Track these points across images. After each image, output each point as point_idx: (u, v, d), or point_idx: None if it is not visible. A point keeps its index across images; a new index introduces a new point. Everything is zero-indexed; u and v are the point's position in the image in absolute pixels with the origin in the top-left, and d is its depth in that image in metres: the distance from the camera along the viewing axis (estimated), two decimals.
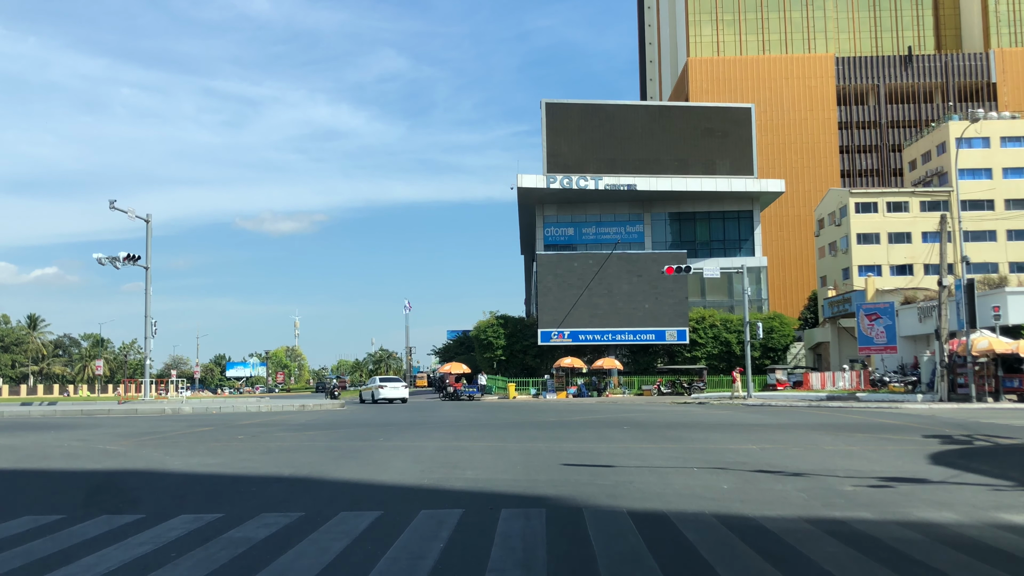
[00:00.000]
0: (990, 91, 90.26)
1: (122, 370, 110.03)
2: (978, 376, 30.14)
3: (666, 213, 58.88)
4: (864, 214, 63.90)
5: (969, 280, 30.82)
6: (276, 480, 10.41)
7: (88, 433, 19.35)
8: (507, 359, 55.61)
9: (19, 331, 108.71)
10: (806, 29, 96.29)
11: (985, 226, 62.19)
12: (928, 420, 21.11)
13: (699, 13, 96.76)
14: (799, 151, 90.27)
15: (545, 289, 53.71)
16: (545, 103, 58.42)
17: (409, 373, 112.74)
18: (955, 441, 15.03)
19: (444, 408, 33.73)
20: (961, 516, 7.37)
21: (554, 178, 55.82)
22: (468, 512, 7.74)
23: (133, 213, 38.34)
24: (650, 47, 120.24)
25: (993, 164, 65.71)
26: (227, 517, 7.64)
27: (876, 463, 11.50)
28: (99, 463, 12.65)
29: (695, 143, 58.41)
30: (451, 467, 11.39)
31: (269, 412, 30.49)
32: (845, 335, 53.80)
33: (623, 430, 18.25)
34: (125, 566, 5.84)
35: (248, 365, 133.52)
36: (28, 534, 7.02)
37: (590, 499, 8.46)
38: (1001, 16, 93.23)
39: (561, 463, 11.73)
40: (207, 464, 12.27)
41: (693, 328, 53.20)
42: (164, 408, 30.80)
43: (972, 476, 10.10)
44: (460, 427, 19.98)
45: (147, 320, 38.53)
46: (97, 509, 8.22)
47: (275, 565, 5.78)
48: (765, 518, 7.35)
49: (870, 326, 38.11)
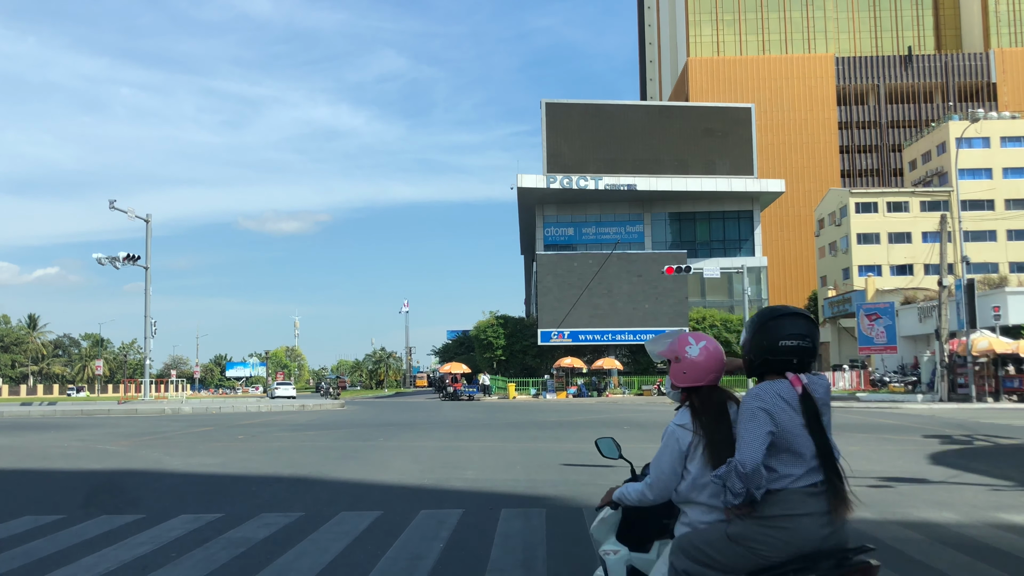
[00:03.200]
0: (990, 91, 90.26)
1: (122, 370, 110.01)
2: (978, 376, 30.14)
3: (666, 213, 58.88)
4: (864, 214, 63.90)
5: (969, 280, 30.83)
6: (276, 480, 10.40)
7: (88, 433, 19.34)
8: (507, 359, 55.61)
9: (19, 331, 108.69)
10: (806, 29, 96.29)
11: (985, 226, 62.20)
12: (928, 420, 21.11)
13: (699, 13, 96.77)
14: (799, 151, 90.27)
15: (545, 289, 53.70)
16: (545, 103, 58.42)
17: (409, 373, 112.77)
18: (955, 441, 15.03)
19: (444, 408, 33.73)
20: (961, 516, 7.36)
21: (554, 178, 55.81)
22: (468, 512, 7.74)
23: (133, 213, 38.35)
24: (650, 47, 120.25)
25: (993, 164, 65.72)
26: (227, 517, 7.64)
27: (876, 463, 11.50)
28: (99, 463, 12.64)
29: (695, 143, 58.40)
30: (451, 467, 11.39)
31: (269, 412, 30.50)
32: (845, 335, 53.80)
33: (623, 430, 18.24)
34: (125, 566, 5.83)
35: (248, 365, 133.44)
36: (28, 534, 7.01)
37: (590, 499, 8.45)
38: (1001, 16, 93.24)
39: (561, 463, 11.73)
40: (207, 464, 12.27)
41: (693, 328, 53.17)
42: (164, 408, 30.80)
43: (972, 476, 10.09)
44: (460, 427, 19.98)
45: (147, 320, 38.54)
46: (97, 509, 8.21)
47: (275, 565, 5.77)
48: None
49: (870, 326, 38.09)
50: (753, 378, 2.92)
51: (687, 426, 2.91)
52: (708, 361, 2.98)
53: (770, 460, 2.70)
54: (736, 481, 2.63)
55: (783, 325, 2.81)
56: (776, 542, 2.66)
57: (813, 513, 2.68)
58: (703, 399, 2.94)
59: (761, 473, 2.63)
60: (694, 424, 2.90)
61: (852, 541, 2.78)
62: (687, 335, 3.08)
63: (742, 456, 2.63)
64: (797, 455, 2.71)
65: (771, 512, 2.69)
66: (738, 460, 2.63)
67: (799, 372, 2.80)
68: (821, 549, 2.67)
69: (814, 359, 2.86)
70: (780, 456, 2.71)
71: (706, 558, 2.74)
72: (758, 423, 2.67)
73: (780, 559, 2.66)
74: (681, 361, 3.01)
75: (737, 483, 2.63)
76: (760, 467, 2.63)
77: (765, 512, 2.69)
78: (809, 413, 2.72)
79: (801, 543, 2.66)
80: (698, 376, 2.97)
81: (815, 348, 2.84)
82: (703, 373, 2.97)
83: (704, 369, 2.97)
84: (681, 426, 2.92)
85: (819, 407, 2.75)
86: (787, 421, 2.70)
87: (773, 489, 2.70)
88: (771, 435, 2.67)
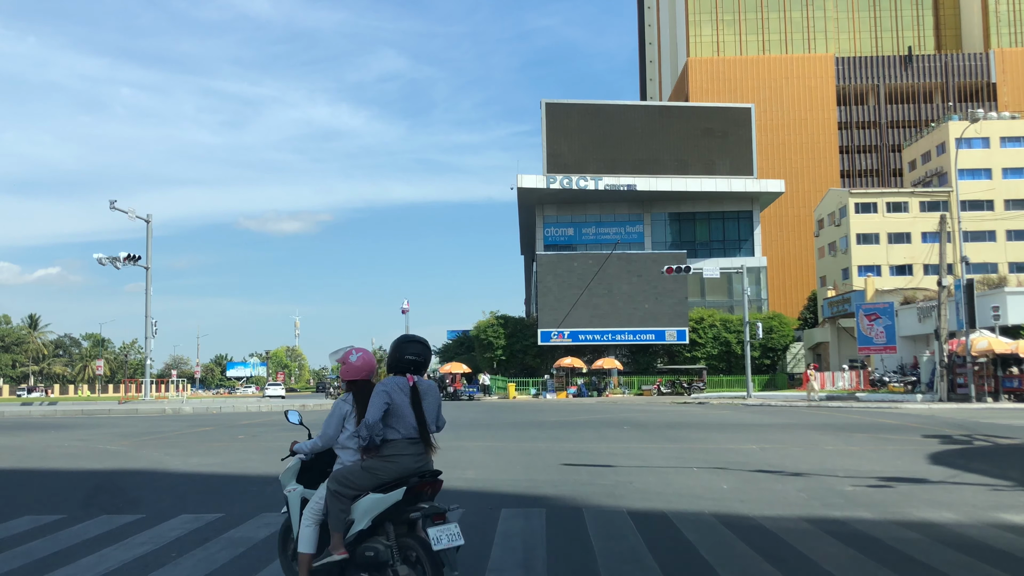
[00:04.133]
0: (990, 91, 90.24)
1: (122, 370, 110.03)
2: (977, 376, 30.15)
3: (666, 213, 58.88)
4: (864, 214, 63.89)
5: (969, 280, 30.83)
6: (276, 480, 10.37)
7: (88, 433, 19.34)
8: (507, 359, 55.62)
9: (20, 331, 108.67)
10: (806, 29, 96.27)
11: (985, 226, 62.18)
12: (928, 420, 21.12)
13: (699, 13, 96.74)
14: (799, 151, 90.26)
15: (545, 289, 53.71)
16: (545, 103, 58.42)
17: None
18: (955, 441, 15.04)
19: (444, 408, 33.73)
20: (961, 516, 7.37)
21: (554, 178, 55.82)
22: (468, 512, 7.75)
23: (133, 213, 38.34)
24: (650, 47, 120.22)
25: (993, 164, 65.70)
26: (227, 517, 7.65)
27: (876, 463, 11.50)
28: (99, 463, 12.64)
29: (695, 143, 58.40)
30: (451, 467, 11.38)
31: (269, 412, 30.51)
32: (845, 335, 53.79)
33: (623, 430, 18.25)
34: (125, 566, 5.84)
35: (248, 365, 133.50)
36: (28, 534, 7.02)
37: (590, 499, 8.46)
38: (1001, 16, 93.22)
39: (561, 463, 11.73)
40: (207, 464, 12.27)
41: (693, 328, 53.21)
42: (164, 408, 30.81)
43: (972, 476, 10.10)
44: (460, 427, 19.98)
45: (147, 320, 38.55)
46: (97, 509, 8.22)
47: (275, 565, 5.78)
48: (765, 518, 7.35)
49: (870, 326, 38.11)
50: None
51: (348, 400, 4.70)
52: (364, 365, 4.77)
53: (387, 421, 4.42)
54: (363, 430, 4.38)
55: (407, 347, 4.55)
56: (390, 470, 4.42)
57: (411, 453, 4.46)
58: (359, 387, 4.72)
59: (379, 427, 4.37)
60: (353, 401, 4.66)
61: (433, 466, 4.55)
62: (353, 349, 4.83)
63: (368, 417, 4.37)
64: (403, 419, 4.44)
65: (387, 452, 4.44)
66: (366, 419, 4.37)
67: (414, 374, 4.55)
68: (412, 472, 4.43)
69: (425, 368, 4.64)
70: (393, 419, 4.43)
71: (347, 481, 4.44)
72: (379, 399, 4.40)
73: (390, 479, 4.39)
74: (347, 364, 4.75)
75: (364, 431, 4.38)
76: (379, 423, 4.36)
77: (384, 452, 4.45)
78: (414, 397, 4.47)
79: (402, 470, 4.42)
80: (356, 374, 4.75)
81: (426, 362, 4.61)
82: (358, 372, 4.75)
83: (359, 370, 4.75)
84: (344, 401, 4.71)
85: (422, 395, 4.51)
86: (399, 400, 4.44)
87: (388, 439, 4.43)
88: (387, 406, 4.40)
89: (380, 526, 4.40)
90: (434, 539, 4.19)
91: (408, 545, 4.30)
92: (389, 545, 4.32)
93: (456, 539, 4.27)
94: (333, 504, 4.44)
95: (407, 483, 4.35)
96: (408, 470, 4.41)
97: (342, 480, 4.44)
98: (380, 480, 4.39)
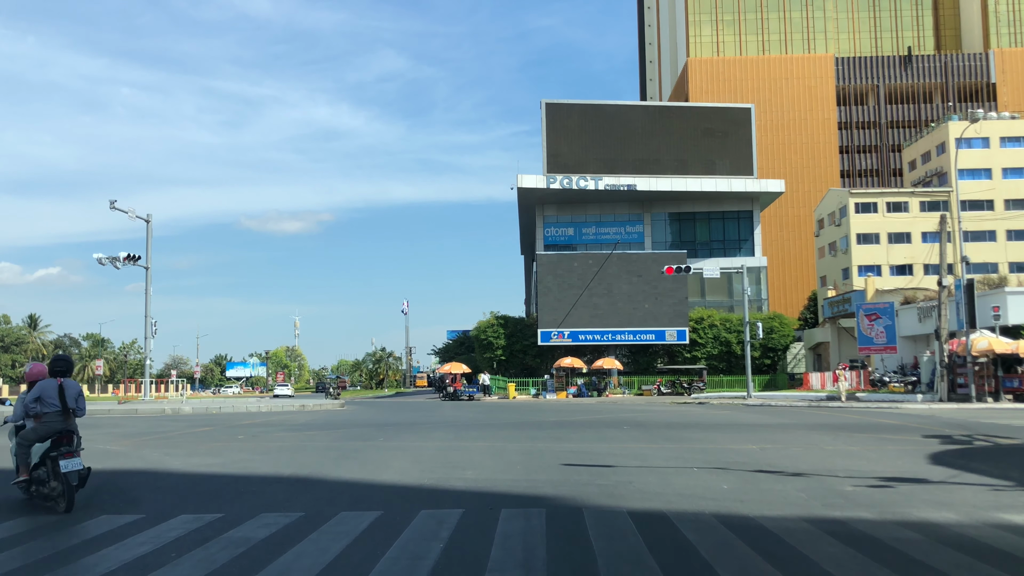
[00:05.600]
0: (990, 91, 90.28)
1: (122, 370, 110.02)
2: (978, 376, 30.14)
3: (666, 213, 58.88)
4: (864, 214, 63.90)
5: (969, 280, 30.83)
6: (276, 480, 10.40)
7: (88, 433, 19.27)
8: (507, 359, 55.62)
9: (19, 331, 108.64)
10: (806, 29, 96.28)
11: (985, 226, 62.20)
12: (928, 420, 21.11)
13: (699, 13, 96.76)
14: (799, 151, 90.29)
15: (545, 289, 53.71)
16: (545, 103, 58.41)
17: (409, 373, 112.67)
18: (955, 441, 15.03)
19: (444, 408, 33.73)
20: (961, 516, 7.37)
21: (554, 178, 55.82)
22: (468, 512, 7.74)
23: (133, 213, 38.34)
24: (650, 47, 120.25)
25: (993, 164, 65.71)
26: (227, 517, 7.64)
27: (876, 463, 11.50)
28: (99, 463, 12.62)
29: (695, 143, 58.40)
30: (451, 467, 11.39)
31: (269, 412, 30.50)
32: (845, 335, 53.78)
33: (623, 430, 18.25)
34: (125, 566, 5.84)
35: (248, 365, 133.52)
36: (28, 534, 7.02)
37: (590, 499, 8.46)
38: (1001, 16, 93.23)
39: (561, 463, 11.73)
40: (207, 464, 12.27)
41: (693, 328, 53.20)
42: (164, 408, 30.80)
43: (972, 476, 10.10)
44: (460, 427, 19.98)
45: (147, 320, 38.53)
46: (97, 509, 8.22)
47: (275, 565, 5.78)
48: (765, 518, 7.35)
49: (870, 326, 38.10)
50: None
51: (27, 392, 8.30)
52: (37, 373, 8.50)
53: (39, 405, 8.09)
54: (36, 407, 8.11)
55: (55, 364, 8.41)
56: (45, 430, 8.06)
57: (57, 421, 8.13)
58: (31, 385, 8.31)
59: (34, 407, 8.08)
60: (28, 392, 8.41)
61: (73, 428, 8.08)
62: (31, 364, 8.55)
63: (26, 400, 8.15)
64: (49, 403, 8.11)
65: (43, 421, 8.10)
66: (26, 402, 8.15)
67: (62, 377, 8.32)
68: (57, 431, 8.10)
69: (69, 374, 8.43)
70: (43, 404, 8.09)
71: (23, 438, 8.15)
72: (33, 392, 8.15)
73: (47, 435, 8.05)
74: (28, 372, 8.64)
75: (33, 408, 8.11)
76: (33, 404, 8.09)
77: (42, 421, 8.10)
78: (60, 391, 8.17)
79: (51, 430, 8.07)
80: (32, 377, 8.49)
81: (67, 370, 8.41)
82: (33, 377, 8.48)
83: (33, 375, 8.51)
84: (26, 393, 8.29)
85: (65, 389, 8.20)
86: (49, 391, 8.13)
87: (43, 412, 8.10)
88: (38, 395, 8.10)
89: (44, 460, 8.02)
90: (62, 465, 7.80)
91: (56, 470, 7.89)
92: (47, 469, 8.00)
93: (77, 466, 7.87)
94: (20, 450, 8.20)
95: (53, 437, 8.04)
96: (54, 430, 8.05)
97: (23, 436, 8.17)
98: (40, 435, 8.04)
